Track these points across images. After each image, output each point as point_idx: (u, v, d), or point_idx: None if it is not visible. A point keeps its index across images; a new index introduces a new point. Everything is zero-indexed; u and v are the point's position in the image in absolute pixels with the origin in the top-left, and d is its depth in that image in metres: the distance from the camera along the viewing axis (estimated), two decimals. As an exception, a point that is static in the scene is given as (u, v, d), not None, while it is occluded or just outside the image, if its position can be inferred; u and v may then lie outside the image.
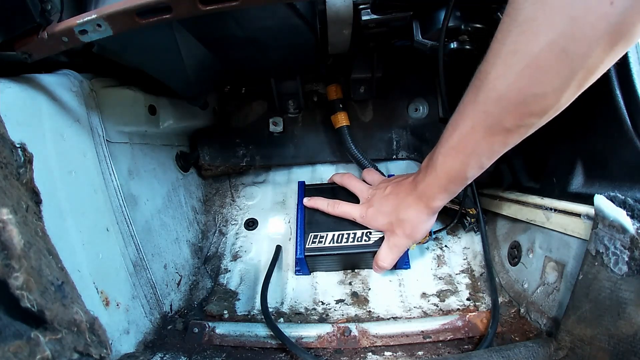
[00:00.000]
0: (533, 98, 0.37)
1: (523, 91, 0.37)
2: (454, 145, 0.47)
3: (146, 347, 0.56)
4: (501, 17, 0.36)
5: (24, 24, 0.42)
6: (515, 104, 0.38)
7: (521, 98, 0.37)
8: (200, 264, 0.79)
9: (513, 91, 0.38)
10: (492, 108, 0.40)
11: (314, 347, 0.58)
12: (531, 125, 0.41)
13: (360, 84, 0.84)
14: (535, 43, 0.34)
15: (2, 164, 0.36)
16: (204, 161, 0.88)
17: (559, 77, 0.35)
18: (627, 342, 0.39)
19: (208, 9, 0.40)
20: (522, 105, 0.38)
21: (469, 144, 0.45)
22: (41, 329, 0.30)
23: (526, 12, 0.34)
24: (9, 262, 0.29)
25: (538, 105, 0.38)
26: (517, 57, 0.36)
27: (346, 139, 0.82)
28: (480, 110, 0.42)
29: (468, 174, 0.49)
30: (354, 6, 0.55)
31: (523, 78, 0.36)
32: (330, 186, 0.76)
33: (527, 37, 0.35)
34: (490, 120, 0.41)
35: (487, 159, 0.47)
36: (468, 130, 0.44)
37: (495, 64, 0.38)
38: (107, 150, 0.59)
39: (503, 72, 0.38)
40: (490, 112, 0.41)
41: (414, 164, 0.90)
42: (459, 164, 0.48)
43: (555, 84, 0.35)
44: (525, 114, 0.39)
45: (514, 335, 0.57)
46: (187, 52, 0.59)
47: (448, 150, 0.49)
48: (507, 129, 0.41)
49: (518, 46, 0.36)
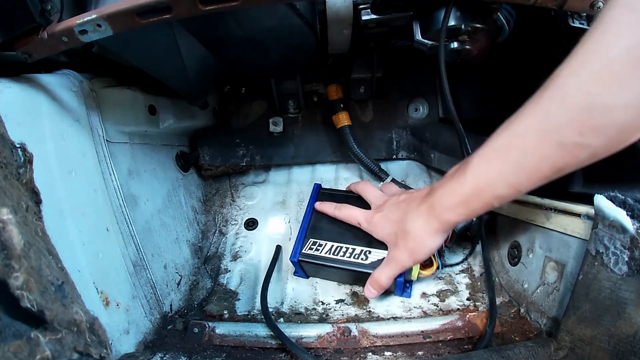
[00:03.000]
0: (599, 108, 0.34)
1: (591, 96, 0.34)
2: (497, 146, 0.41)
3: (146, 347, 0.56)
4: (501, 17, 0.36)
5: (24, 24, 0.42)
6: (579, 109, 0.35)
7: (587, 103, 0.34)
8: (200, 264, 0.79)
9: (580, 93, 0.34)
10: (554, 108, 0.37)
11: (314, 347, 0.58)
12: (587, 148, 0.36)
13: (360, 84, 0.84)
14: (614, 46, 0.32)
15: (2, 164, 0.36)
16: (204, 161, 0.88)
17: (631, 89, 0.32)
18: (627, 342, 0.39)
19: (208, 9, 0.40)
20: (586, 112, 0.34)
21: (515, 149, 0.40)
22: (41, 329, 0.30)
23: (612, 14, 0.33)
24: (9, 262, 0.29)
25: (602, 119, 0.34)
26: (593, 57, 0.34)
27: (348, 138, 0.82)
28: (541, 110, 0.38)
29: (498, 190, 0.42)
30: (354, 6, 0.55)
31: (594, 81, 0.34)
32: (345, 194, 0.73)
33: (607, 38, 0.33)
34: (548, 124, 0.37)
35: (526, 179, 0.40)
36: (520, 132, 0.39)
37: (570, 62, 0.36)
38: (107, 150, 0.59)
39: (575, 71, 0.35)
40: (552, 112, 0.37)
41: (414, 164, 0.90)
42: (495, 173, 0.42)
43: (627, 97, 0.32)
44: (586, 126, 0.35)
45: (514, 335, 0.57)
46: (187, 52, 0.59)
47: (488, 152, 0.42)
48: (562, 144, 0.36)
49: (597, 46, 0.34)
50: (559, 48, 0.54)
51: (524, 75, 0.66)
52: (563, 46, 0.53)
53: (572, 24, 0.50)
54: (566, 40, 0.53)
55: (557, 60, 0.36)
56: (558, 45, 0.54)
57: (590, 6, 0.44)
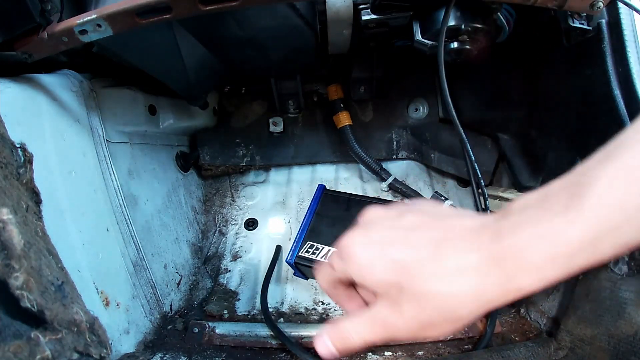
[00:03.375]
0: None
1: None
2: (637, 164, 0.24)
3: (146, 347, 0.56)
4: (501, 17, 0.35)
5: (24, 24, 0.42)
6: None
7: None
8: (200, 264, 0.79)
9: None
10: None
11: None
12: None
13: (360, 84, 0.84)
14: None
15: (2, 164, 0.36)
16: (204, 161, 0.88)
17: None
18: (627, 342, 0.39)
19: (208, 9, 0.40)
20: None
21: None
22: (41, 329, 0.30)
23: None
24: (9, 262, 0.29)
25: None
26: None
27: (349, 138, 0.82)
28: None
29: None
30: (354, 6, 0.55)
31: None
32: (348, 197, 0.71)
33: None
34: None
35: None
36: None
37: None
38: (107, 150, 0.59)
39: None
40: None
41: (414, 164, 0.90)
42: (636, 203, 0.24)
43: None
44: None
45: (514, 335, 0.57)
46: (187, 52, 0.59)
47: (623, 173, 0.24)
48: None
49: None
50: (559, 48, 0.54)
51: (524, 76, 0.66)
52: (563, 46, 0.53)
53: (572, 24, 0.49)
54: (566, 40, 0.53)
55: (557, 60, 0.36)
56: (558, 45, 0.54)
57: (590, 6, 0.44)
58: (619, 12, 0.47)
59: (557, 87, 0.57)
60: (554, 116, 0.59)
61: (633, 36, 0.46)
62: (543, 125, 0.62)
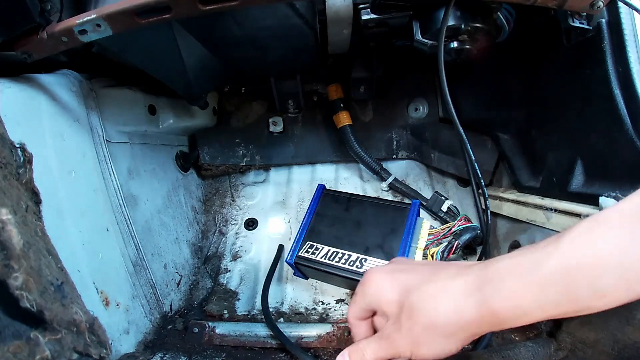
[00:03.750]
0: None
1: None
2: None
3: (146, 347, 0.56)
4: (501, 17, 0.35)
5: (24, 24, 0.42)
6: None
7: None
8: (200, 264, 0.79)
9: None
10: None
11: (314, 347, 0.58)
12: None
13: (360, 84, 0.84)
14: None
15: (2, 164, 0.35)
16: (204, 161, 0.88)
17: None
18: (633, 348, 0.39)
19: (207, 8, 0.39)
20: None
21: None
22: (41, 329, 0.30)
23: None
24: (8, 262, 0.29)
25: None
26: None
27: (349, 138, 0.82)
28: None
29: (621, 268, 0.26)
30: (353, 6, 0.55)
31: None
32: (348, 197, 0.71)
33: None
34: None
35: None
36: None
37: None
38: (106, 150, 0.59)
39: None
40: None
41: (414, 164, 0.90)
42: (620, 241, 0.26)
43: None
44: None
45: (514, 335, 0.56)
46: (187, 52, 0.59)
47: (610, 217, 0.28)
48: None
49: None
50: (559, 48, 0.54)
51: (524, 75, 0.66)
52: (563, 46, 0.53)
53: (572, 24, 0.49)
54: (566, 40, 0.53)
55: (557, 60, 0.36)
56: (558, 45, 0.54)
57: (590, 5, 0.44)
58: (619, 12, 0.47)
59: (557, 87, 0.57)
60: (554, 116, 0.59)
61: (633, 36, 0.46)
62: (543, 125, 0.62)
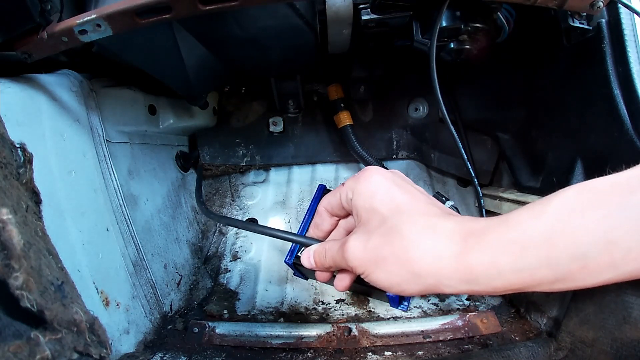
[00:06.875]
0: None
1: None
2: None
3: (146, 347, 0.56)
4: (501, 17, 0.35)
5: (24, 24, 0.42)
6: None
7: None
8: (200, 264, 0.79)
9: None
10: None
11: (314, 347, 0.58)
12: None
13: (360, 84, 0.84)
14: None
15: (2, 164, 0.35)
16: (204, 161, 0.88)
17: None
18: (631, 346, 0.39)
19: (208, 8, 0.39)
20: None
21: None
22: (41, 329, 0.30)
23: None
24: (8, 262, 0.29)
25: None
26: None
27: (350, 138, 0.82)
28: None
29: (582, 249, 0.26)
30: (353, 6, 0.55)
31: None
32: None
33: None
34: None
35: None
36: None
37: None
38: (107, 150, 0.59)
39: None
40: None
41: (414, 164, 0.90)
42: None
43: None
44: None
45: (514, 335, 0.57)
46: (187, 52, 0.59)
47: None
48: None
49: None
50: (559, 48, 0.54)
51: (524, 75, 0.66)
52: (563, 46, 0.53)
53: (572, 24, 0.49)
54: (566, 40, 0.53)
55: (557, 60, 0.36)
56: (558, 45, 0.54)
57: (590, 6, 0.44)
58: (619, 12, 0.47)
59: (557, 87, 0.57)
60: (554, 116, 0.59)
61: (633, 36, 0.46)
62: (543, 125, 0.62)
